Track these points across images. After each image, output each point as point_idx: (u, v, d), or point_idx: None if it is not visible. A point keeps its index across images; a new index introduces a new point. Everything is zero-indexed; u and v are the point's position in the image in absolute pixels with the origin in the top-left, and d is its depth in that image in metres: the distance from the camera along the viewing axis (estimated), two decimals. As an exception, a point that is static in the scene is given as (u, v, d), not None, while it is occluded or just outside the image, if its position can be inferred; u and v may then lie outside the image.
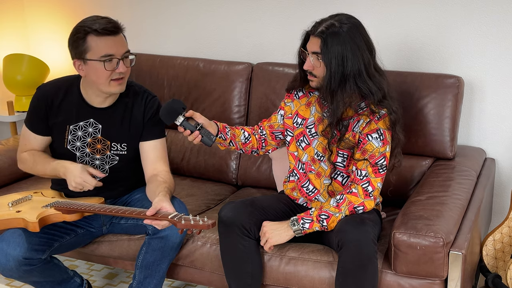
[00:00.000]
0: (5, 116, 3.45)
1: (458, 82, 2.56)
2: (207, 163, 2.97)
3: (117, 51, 2.17)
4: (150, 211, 1.99)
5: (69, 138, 2.31)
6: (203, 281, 2.43)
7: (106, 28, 2.14)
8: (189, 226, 1.92)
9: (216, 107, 2.94)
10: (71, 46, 2.20)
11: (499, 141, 2.76)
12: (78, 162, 2.32)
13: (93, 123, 2.30)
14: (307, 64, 2.15)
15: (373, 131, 2.13)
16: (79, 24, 2.18)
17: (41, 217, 2.13)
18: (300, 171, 2.30)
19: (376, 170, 2.12)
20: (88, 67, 2.18)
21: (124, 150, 2.33)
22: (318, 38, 2.08)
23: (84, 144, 2.31)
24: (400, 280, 2.09)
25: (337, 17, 2.11)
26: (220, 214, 2.20)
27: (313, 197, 2.28)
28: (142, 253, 2.30)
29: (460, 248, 2.02)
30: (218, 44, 3.18)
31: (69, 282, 2.41)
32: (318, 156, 2.25)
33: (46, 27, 3.62)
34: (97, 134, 2.31)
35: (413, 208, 2.18)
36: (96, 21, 2.16)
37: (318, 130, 2.24)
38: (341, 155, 2.21)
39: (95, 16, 2.19)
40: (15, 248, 2.14)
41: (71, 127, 2.31)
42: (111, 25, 2.16)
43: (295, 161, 2.32)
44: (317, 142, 2.25)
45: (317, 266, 2.18)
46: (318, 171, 2.26)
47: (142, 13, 3.35)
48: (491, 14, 2.64)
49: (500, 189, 2.81)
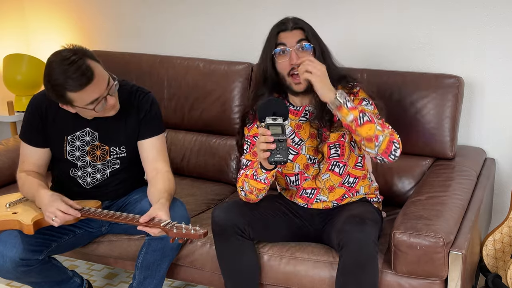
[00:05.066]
0: (5, 116, 3.45)
1: (458, 82, 2.56)
2: (207, 163, 2.96)
3: (101, 92, 2.09)
4: (144, 219, 1.98)
5: (68, 149, 2.30)
6: (203, 281, 2.43)
7: (82, 83, 2.03)
8: (180, 235, 1.91)
9: (216, 107, 2.94)
10: (53, 97, 2.11)
11: (499, 141, 2.76)
12: (79, 171, 2.32)
13: (90, 132, 2.28)
14: (294, 58, 2.07)
15: (360, 101, 2.15)
16: (52, 82, 2.05)
17: (36, 220, 2.12)
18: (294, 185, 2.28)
19: (384, 123, 2.09)
20: (77, 109, 2.15)
21: (124, 152, 2.32)
22: (297, 29, 2.11)
23: (84, 153, 2.30)
24: (400, 280, 2.09)
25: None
26: (213, 215, 2.19)
27: (314, 199, 2.27)
28: (142, 254, 2.29)
29: (460, 248, 2.02)
30: (218, 44, 3.18)
31: (69, 283, 2.41)
32: (311, 160, 2.23)
33: (46, 27, 3.61)
34: (95, 141, 2.29)
35: (413, 208, 2.18)
36: (67, 76, 2.01)
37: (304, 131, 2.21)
38: (332, 147, 2.20)
39: (62, 67, 2.02)
40: (12, 249, 2.13)
41: (68, 138, 2.29)
42: (84, 77, 2.02)
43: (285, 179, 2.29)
44: (306, 148, 2.22)
45: (317, 266, 2.18)
46: (314, 175, 2.24)
47: (142, 13, 3.35)
48: (492, 14, 2.64)
49: (500, 189, 2.81)
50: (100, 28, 2.27)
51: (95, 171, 2.33)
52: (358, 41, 2.87)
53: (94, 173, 2.33)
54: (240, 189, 2.19)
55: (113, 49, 3.39)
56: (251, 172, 2.11)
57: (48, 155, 2.35)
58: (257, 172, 2.07)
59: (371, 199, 2.32)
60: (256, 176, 2.08)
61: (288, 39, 2.10)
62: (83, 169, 2.32)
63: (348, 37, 2.88)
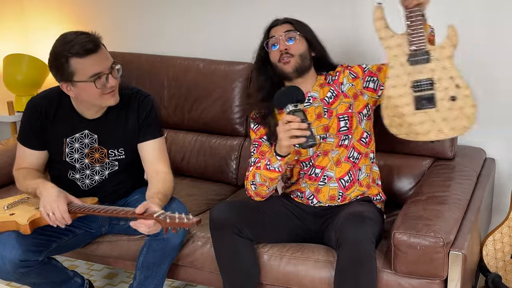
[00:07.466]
0: (5, 116, 3.45)
1: (458, 82, 2.55)
2: (207, 163, 2.96)
3: (104, 67, 2.11)
4: (139, 209, 1.98)
5: (67, 151, 2.29)
6: (203, 281, 2.43)
7: (88, 49, 2.06)
8: (174, 225, 1.89)
9: (216, 107, 2.94)
10: (55, 71, 2.13)
11: (499, 141, 2.76)
12: (78, 173, 2.32)
13: (89, 134, 2.28)
14: (281, 45, 2.26)
15: (361, 67, 2.34)
16: (58, 49, 2.09)
17: (32, 220, 2.12)
18: (305, 168, 2.31)
19: None
20: (77, 88, 2.13)
21: (122, 154, 2.32)
22: (286, 23, 2.32)
23: (82, 155, 2.30)
24: (400, 280, 2.09)
25: None
26: (211, 214, 2.20)
27: (320, 177, 2.27)
28: (142, 254, 2.29)
29: (460, 248, 2.02)
30: (218, 44, 3.18)
31: (69, 283, 2.40)
32: (322, 139, 2.27)
33: (46, 27, 3.61)
34: (94, 144, 2.29)
35: (413, 208, 2.18)
36: (75, 42, 2.06)
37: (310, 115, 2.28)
38: (342, 119, 2.27)
39: (71, 35, 2.09)
40: (11, 250, 2.13)
41: (67, 140, 2.28)
42: (92, 43, 2.07)
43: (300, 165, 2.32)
44: (315, 129, 2.27)
45: (317, 265, 2.18)
46: (325, 150, 2.28)
47: (142, 13, 3.35)
48: (492, 14, 2.64)
49: (500, 189, 2.81)
50: (100, 28, 2.28)
51: (93, 173, 2.33)
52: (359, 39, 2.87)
53: (93, 175, 2.33)
54: (251, 183, 2.23)
55: (113, 49, 3.37)
56: (263, 163, 2.16)
57: (45, 158, 2.34)
58: (270, 161, 2.13)
59: (374, 197, 2.33)
60: (269, 166, 2.14)
61: (276, 31, 2.31)
62: (81, 172, 2.32)
63: (350, 33, 2.88)
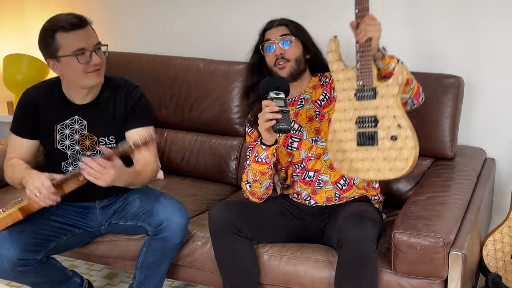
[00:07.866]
0: (5, 116, 3.44)
1: (458, 82, 2.55)
2: (207, 163, 2.96)
3: (88, 43, 2.17)
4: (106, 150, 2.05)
5: (58, 137, 2.31)
6: (203, 281, 2.43)
7: (73, 23, 2.15)
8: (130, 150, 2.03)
9: (216, 107, 2.94)
10: (42, 46, 2.21)
11: (499, 141, 2.76)
12: (70, 160, 2.32)
13: (78, 120, 2.30)
14: (277, 49, 2.24)
15: None
16: (46, 24, 2.19)
17: (21, 206, 2.14)
18: (298, 170, 2.31)
19: None
20: (62, 64, 2.18)
21: (113, 142, 2.32)
22: (281, 26, 2.29)
23: (73, 142, 2.31)
24: (400, 280, 2.09)
25: None
26: (210, 214, 2.21)
27: (315, 181, 2.28)
28: (142, 254, 2.30)
29: (460, 248, 2.02)
30: (218, 44, 3.18)
31: (68, 283, 2.40)
32: (314, 142, 2.27)
33: (46, 27, 3.61)
34: (83, 130, 2.30)
35: (413, 208, 2.18)
36: (62, 17, 2.17)
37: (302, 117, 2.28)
38: None
39: (60, 14, 2.21)
40: (9, 249, 2.13)
41: (58, 126, 2.30)
42: (78, 19, 2.17)
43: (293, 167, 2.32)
44: (306, 132, 2.28)
45: (317, 265, 2.18)
46: (317, 154, 2.28)
47: (142, 13, 3.35)
48: (491, 15, 2.64)
49: (500, 189, 2.81)
50: (100, 28, 2.28)
51: None
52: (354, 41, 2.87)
53: None
54: (245, 183, 2.23)
55: (113, 49, 3.38)
56: (252, 155, 2.17)
57: (35, 148, 2.36)
58: (258, 152, 2.13)
59: (372, 197, 2.33)
60: (257, 157, 2.14)
61: (272, 34, 2.29)
62: (74, 164, 2.32)
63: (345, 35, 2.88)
